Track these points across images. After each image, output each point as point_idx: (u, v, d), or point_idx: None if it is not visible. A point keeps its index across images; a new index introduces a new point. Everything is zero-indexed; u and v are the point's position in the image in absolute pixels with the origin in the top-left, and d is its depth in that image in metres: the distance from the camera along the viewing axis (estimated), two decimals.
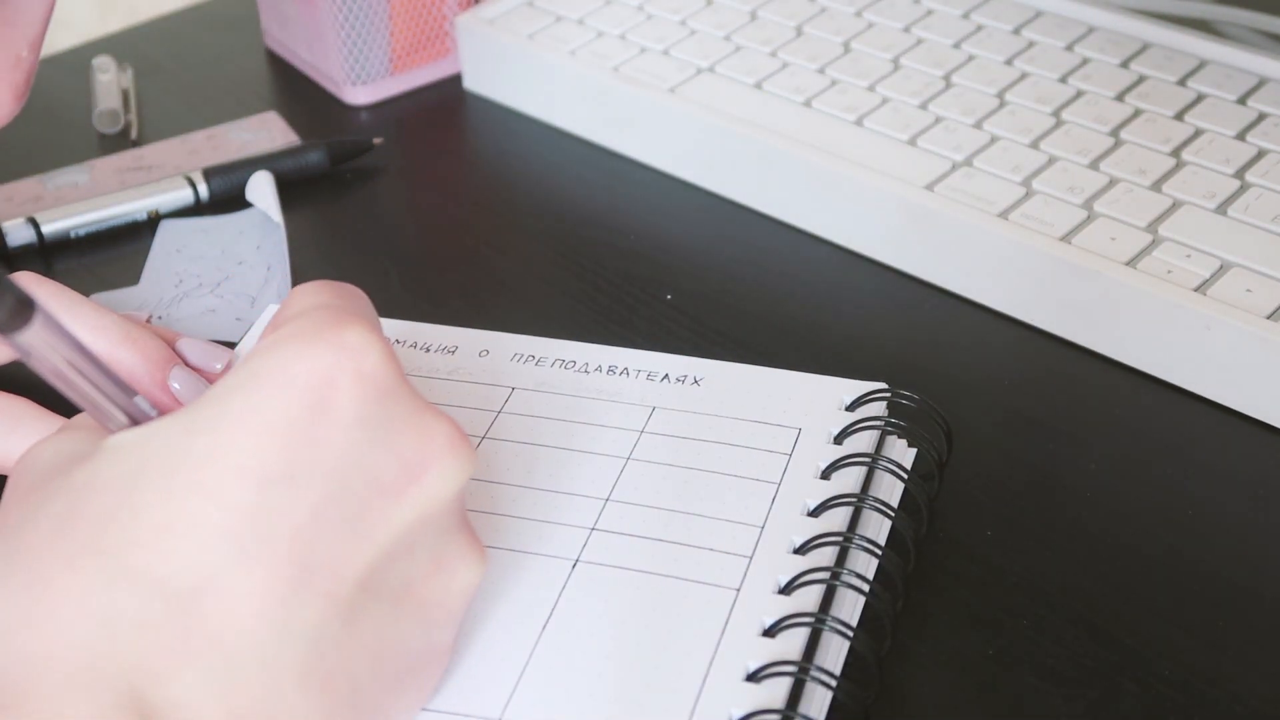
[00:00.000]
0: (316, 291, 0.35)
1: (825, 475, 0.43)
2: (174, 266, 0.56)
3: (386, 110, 0.67)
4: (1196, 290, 0.48)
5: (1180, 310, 0.48)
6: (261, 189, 0.58)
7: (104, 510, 0.32)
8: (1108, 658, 0.40)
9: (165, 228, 0.58)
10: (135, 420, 0.35)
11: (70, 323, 0.41)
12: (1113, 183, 0.53)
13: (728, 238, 0.57)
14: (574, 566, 0.40)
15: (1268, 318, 0.47)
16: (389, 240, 0.59)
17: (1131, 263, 0.49)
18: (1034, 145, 0.55)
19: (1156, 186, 0.53)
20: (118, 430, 0.35)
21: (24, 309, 0.31)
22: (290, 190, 0.60)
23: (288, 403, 0.32)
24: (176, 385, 0.44)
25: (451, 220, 0.61)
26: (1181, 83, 0.58)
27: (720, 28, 0.64)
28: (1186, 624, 0.41)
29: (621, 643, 0.38)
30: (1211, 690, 0.39)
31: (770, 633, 0.38)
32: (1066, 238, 0.51)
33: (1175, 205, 0.52)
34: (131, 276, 0.56)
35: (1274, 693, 0.39)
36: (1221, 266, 0.49)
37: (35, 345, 0.32)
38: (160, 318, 0.53)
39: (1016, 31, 0.62)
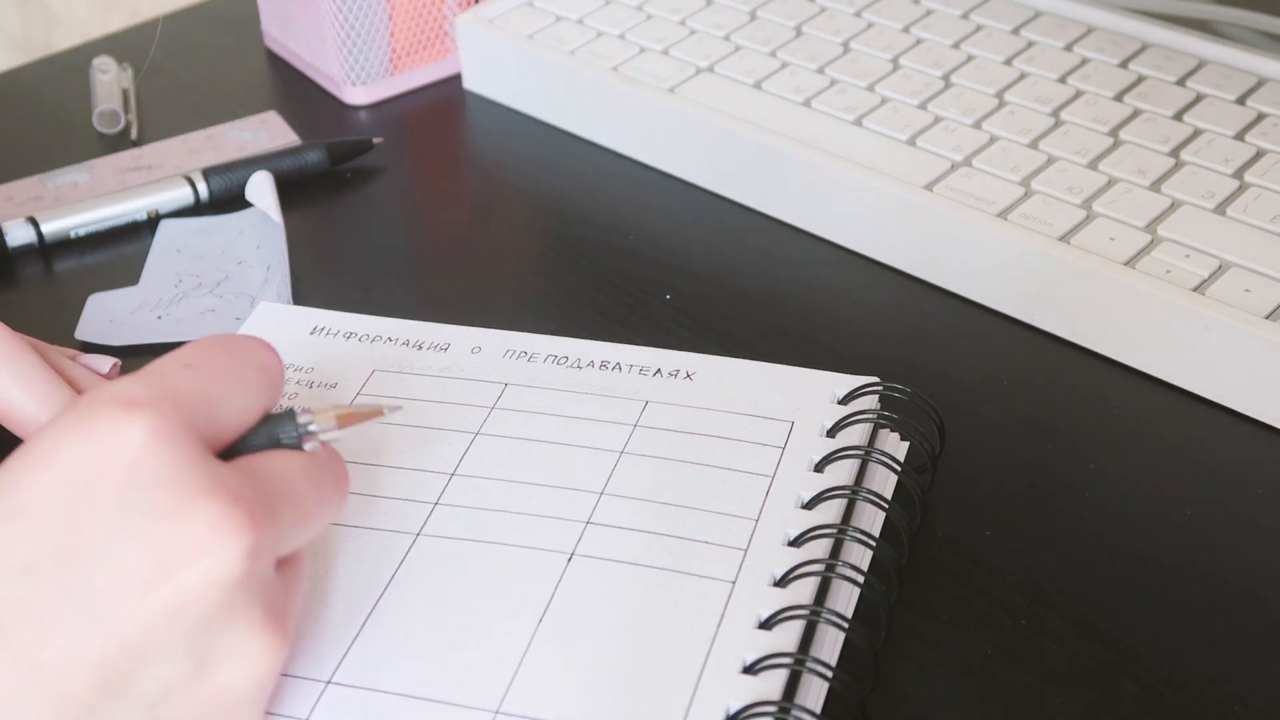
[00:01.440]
0: (174, 358, 0.33)
1: (819, 468, 0.43)
2: (174, 266, 0.56)
3: (386, 110, 0.67)
4: (1195, 290, 0.48)
5: (1179, 310, 0.48)
6: (261, 189, 0.58)
7: None
8: (1107, 658, 0.40)
9: (165, 227, 0.58)
10: None
11: None
12: (1112, 183, 0.53)
13: (727, 237, 0.57)
14: (569, 560, 0.40)
15: (1266, 318, 0.47)
16: (388, 240, 0.59)
17: (1131, 263, 0.49)
18: (1033, 145, 0.55)
19: (1156, 186, 0.53)
20: None
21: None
22: (290, 190, 0.60)
23: (51, 489, 0.31)
24: None
25: (451, 220, 0.61)
26: (1181, 83, 0.58)
27: (720, 28, 0.64)
28: (1186, 624, 0.41)
29: (617, 636, 0.38)
30: (1211, 690, 0.39)
31: (766, 625, 0.38)
32: (1066, 238, 0.51)
33: (1174, 205, 0.52)
34: (131, 276, 0.56)
35: (1274, 693, 0.39)
36: (1220, 266, 0.49)
37: None
38: (161, 317, 0.53)
39: (1016, 31, 0.62)
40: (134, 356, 0.52)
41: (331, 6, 0.64)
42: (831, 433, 0.44)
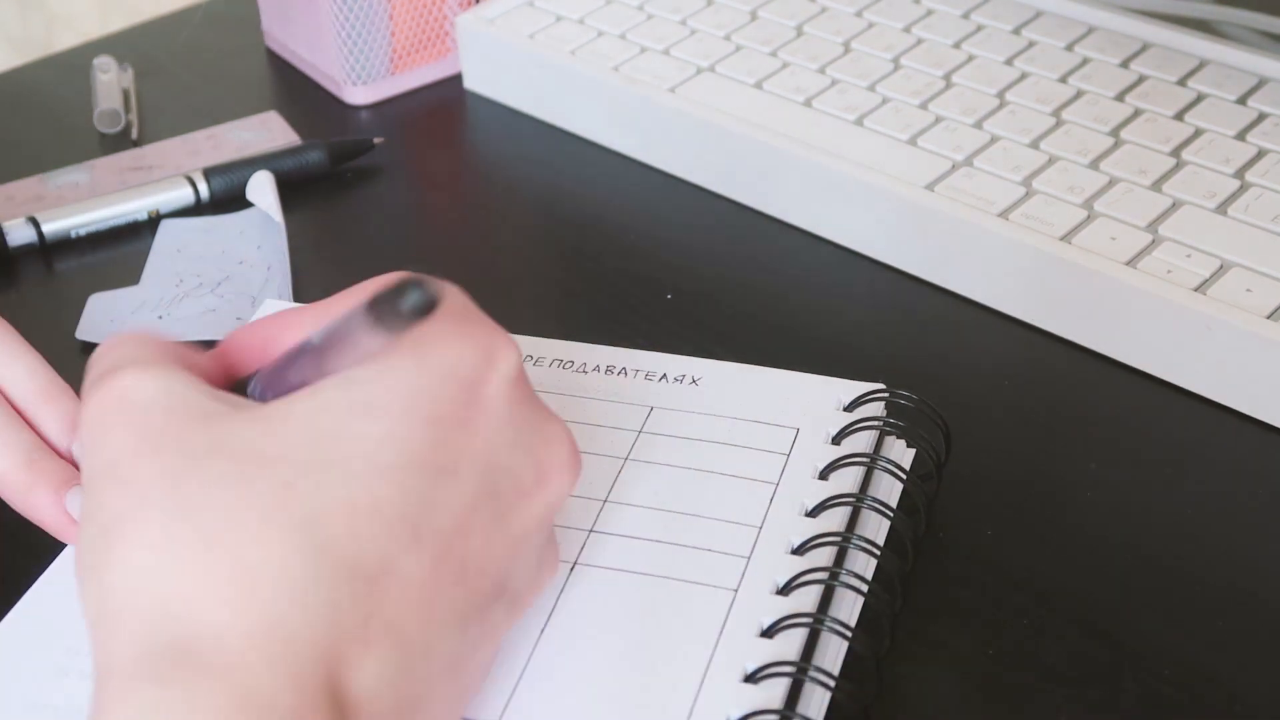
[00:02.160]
0: (442, 287, 0.33)
1: (823, 475, 0.43)
2: (174, 266, 0.56)
3: (386, 110, 0.67)
4: (1196, 290, 0.48)
5: (1180, 310, 0.48)
6: (262, 189, 0.58)
7: (285, 480, 0.31)
8: (1108, 658, 0.40)
9: (165, 227, 0.58)
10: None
11: None
12: (1113, 183, 0.53)
13: (728, 237, 0.57)
14: (572, 569, 0.40)
15: (1268, 318, 0.47)
16: (389, 240, 0.59)
17: (1131, 263, 0.49)
18: (1034, 145, 0.55)
19: (1156, 186, 0.53)
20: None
21: (430, 301, 0.31)
22: (290, 190, 0.60)
23: (453, 396, 0.32)
24: (74, 508, 0.41)
25: (451, 220, 0.61)
26: (1181, 83, 0.58)
27: (720, 28, 0.64)
28: (1186, 624, 0.41)
29: (620, 644, 0.38)
30: (1211, 690, 0.39)
31: (769, 633, 0.38)
32: (1066, 237, 0.51)
33: (1175, 205, 0.52)
34: (132, 276, 0.56)
35: (1274, 693, 0.39)
36: (1221, 266, 0.49)
37: None
38: (161, 317, 0.53)
39: (1016, 31, 0.62)
40: None
41: (332, 6, 0.64)
42: (837, 439, 0.44)
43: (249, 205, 0.59)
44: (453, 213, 0.61)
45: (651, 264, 0.56)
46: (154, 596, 0.30)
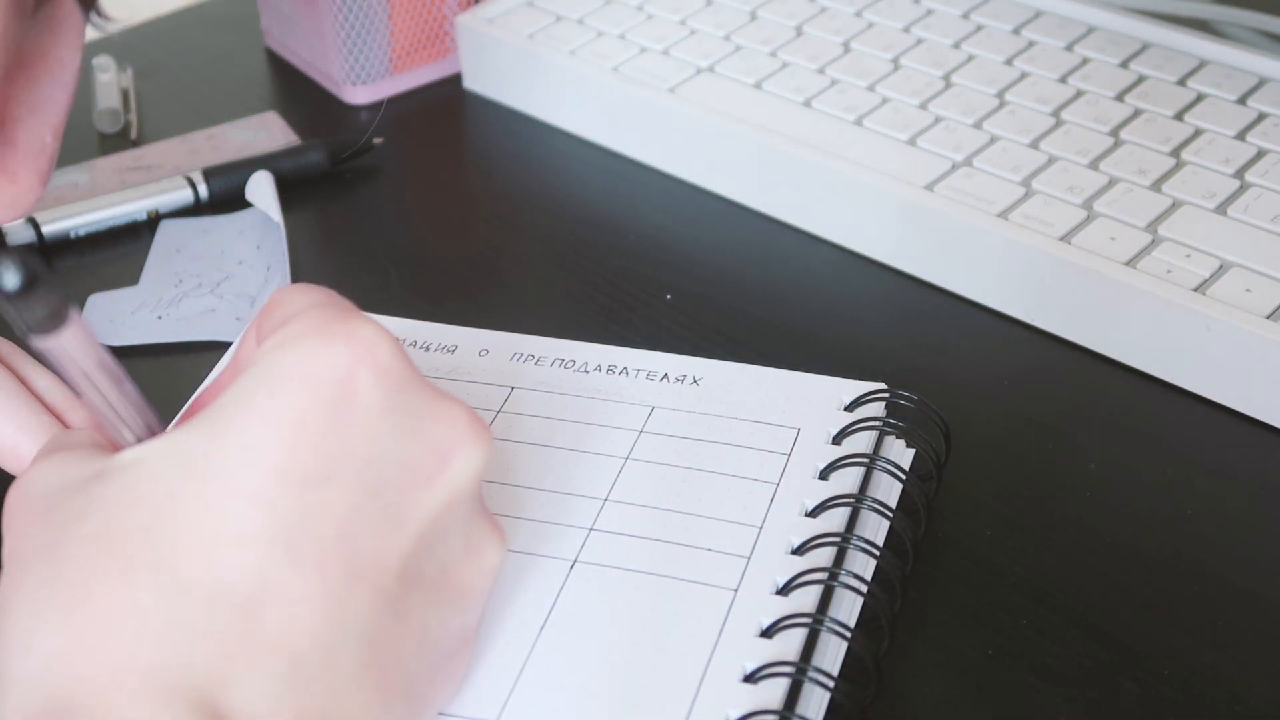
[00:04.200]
0: (305, 293, 0.35)
1: (824, 476, 0.43)
2: (174, 266, 0.56)
3: (387, 110, 0.67)
4: (1196, 290, 0.48)
5: (1180, 310, 0.48)
6: (261, 189, 0.58)
7: (143, 524, 0.31)
8: (1107, 658, 0.40)
9: (165, 228, 0.58)
10: (151, 432, 0.35)
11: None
12: (1113, 183, 0.53)
13: (728, 237, 0.57)
14: (572, 567, 0.40)
15: (1267, 318, 0.47)
16: (389, 240, 0.59)
17: (1131, 263, 0.49)
18: (1034, 145, 0.55)
19: (1156, 186, 0.53)
20: (130, 444, 0.35)
21: (61, 312, 0.31)
22: (290, 190, 0.60)
23: (313, 400, 0.32)
24: None
25: (451, 220, 0.61)
26: (1181, 83, 0.58)
27: (720, 28, 0.64)
28: (1186, 624, 0.41)
29: (619, 643, 0.38)
30: (1211, 690, 0.39)
31: (768, 633, 0.38)
32: (1066, 238, 0.51)
33: (1175, 205, 0.52)
34: (131, 276, 0.56)
35: (1274, 693, 0.39)
36: (1221, 266, 0.49)
37: (64, 350, 0.32)
38: (161, 317, 0.53)
39: (1016, 31, 0.62)
40: (136, 358, 0.52)
41: (331, 6, 0.64)
42: (837, 439, 0.44)
43: (248, 205, 0.59)
44: (452, 213, 0.61)
45: (651, 264, 0.56)
46: (37, 661, 0.30)
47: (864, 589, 0.39)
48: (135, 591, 0.31)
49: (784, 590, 0.39)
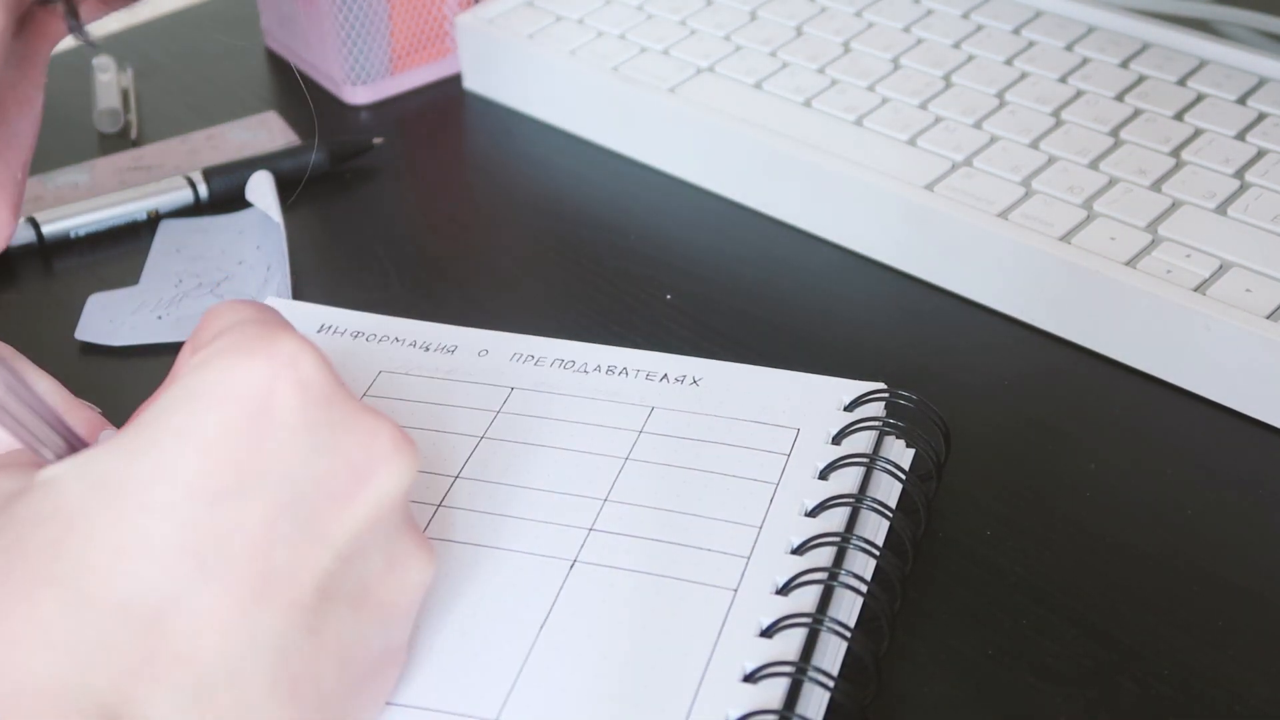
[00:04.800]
0: (236, 309, 0.35)
1: (823, 476, 0.43)
2: (174, 266, 0.56)
3: (386, 110, 0.67)
4: (1196, 290, 0.48)
5: (1180, 310, 0.48)
6: (261, 189, 0.58)
7: (53, 539, 0.31)
8: (1107, 658, 0.40)
9: (165, 228, 0.58)
10: (72, 449, 0.35)
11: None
12: (1113, 183, 0.53)
13: (728, 237, 0.57)
14: (571, 567, 0.40)
15: (1267, 318, 0.47)
16: (389, 240, 0.59)
17: (1131, 263, 0.49)
18: (1034, 145, 0.55)
19: (1156, 186, 0.53)
20: (53, 461, 0.35)
21: None
22: (290, 190, 0.60)
23: (230, 415, 0.32)
24: None
25: (451, 220, 0.61)
26: (1181, 83, 0.58)
27: (720, 28, 0.64)
28: (1186, 624, 0.41)
29: (618, 644, 0.38)
30: (1211, 690, 0.39)
31: (768, 633, 0.38)
32: (1066, 238, 0.51)
33: (1175, 205, 0.52)
34: (131, 276, 0.56)
35: (1274, 693, 0.39)
36: (1221, 266, 0.49)
37: None
38: (161, 317, 0.53)
39: (1016, 31, 0.62)
40: (136, 358, 0.52)
41: (331, 6, 0.64)
42: (837, 439, 0.44)
43: (248, 205, 0.59)
44: (452, 213, 0.61)
45: (651, 264, 0.56)
46: None
47: (864, 589, 0.39)
48: (40, 606, 0.30)
49: (784, 590, 0.39)
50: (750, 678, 0.37)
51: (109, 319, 0.53)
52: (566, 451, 0.44)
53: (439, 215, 0.61)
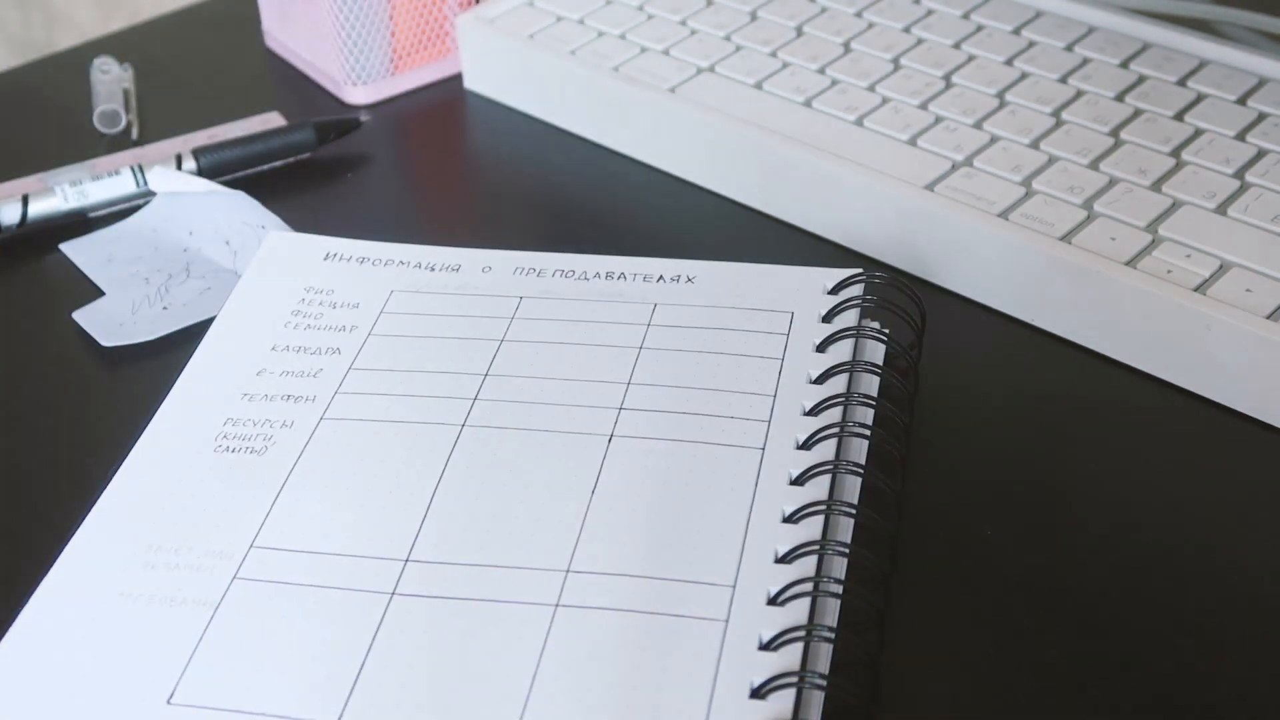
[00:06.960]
0: None
1: (821, 348, 0.47)
2: (118, 273, 0.55)
3: (386, 110, 0.67)
4: (1196, 290, 0.48)
5: (1180, 310, 0.48)
6: (168, 178, 0.58)
7: None
8: (1108, 658, 0.40)
9: (72, 248, 0.57)
10: None
11: None
12: (1113, 183, 0.53)
13: (727, 237, 0.57)
14: (609, 441, 0.44)
15: (1268, 318, 0.47)
16: (388, 239, 0.58)
17: (1131, 262, 0.49)
18: (1034, 145, 0.55)
19: (1156, 186, 0.53)
20: None
21: None
22: (288, 188, 0.60)
23: None
24: None
25: (451, 219, 0.61)
26: (1181, 83, 0.58)
27: (720, 28, 0.64)
28: (1187, 624, 0.41)
29: (669, 488, 0.42)
30: (1211, 690, 0.39)
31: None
32: (1066, 238, 0.51)
33: (1175, 205, 0.52)
34: (84, 291, 0.55)
35: (1274, 693, 0.39)
36: (1221, 266, 0.49)
37: None
38: (167, 307, 0.53)
39: (1016, 31, 0.62)
40: (147, 355, 0.51)
41: (332, 6, 0.64)
42: (827, 318, 0.48)
43: (212, 191, 0.59)
44: (453, 212, 0.61)
45: None
46: None
47: (856, 510, 0.42)
48: None
49: (806, 445, 0.43)
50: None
51: (118, 323, 0.53)
52: (584, 346, 0.48)
53: (439, 215, 0.61)
